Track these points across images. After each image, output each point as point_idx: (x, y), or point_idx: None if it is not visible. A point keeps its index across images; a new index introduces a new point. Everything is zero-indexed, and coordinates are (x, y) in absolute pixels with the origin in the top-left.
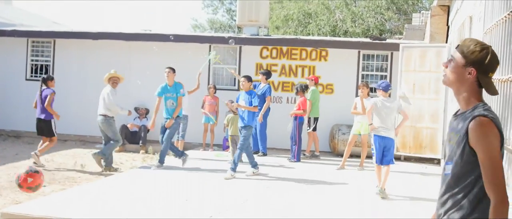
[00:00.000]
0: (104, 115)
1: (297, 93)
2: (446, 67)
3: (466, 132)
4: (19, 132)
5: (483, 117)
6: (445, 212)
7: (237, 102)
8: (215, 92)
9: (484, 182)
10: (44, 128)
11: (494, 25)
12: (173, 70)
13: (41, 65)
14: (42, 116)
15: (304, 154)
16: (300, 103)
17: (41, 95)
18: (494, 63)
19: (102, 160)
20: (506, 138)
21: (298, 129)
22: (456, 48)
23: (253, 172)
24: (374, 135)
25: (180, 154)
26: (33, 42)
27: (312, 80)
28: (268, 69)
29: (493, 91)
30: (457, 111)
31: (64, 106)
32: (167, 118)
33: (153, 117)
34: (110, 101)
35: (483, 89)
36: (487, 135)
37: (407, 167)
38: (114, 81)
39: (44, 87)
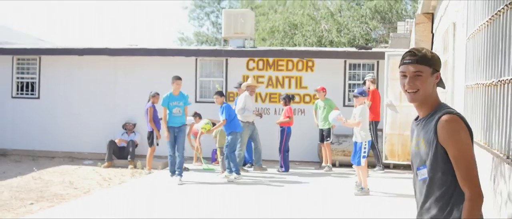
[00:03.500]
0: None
1: (285, 103)
2: (411, 84)
3: (435, 132)
4: (6, 150)
5: (449, 114)
6: (433, 218)
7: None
8: (201, 119)
9: (458, 178)
10: (148, 138)
11: (476, 30)
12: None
13: (27, 83)
14: (147, 128)
15: (328, 166)
16: (286, 112)
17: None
18: (440, 60)
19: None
20: (492, 142)
21: (285, 138)
22: (410, 63)
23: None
24: (369, 140)
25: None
26: (19, 59)
27: (322, 91)
28: (256, 80)
29: (443, 85)
30: (417, 117)
31: (51, 122)
32: (172, 126)
33: (164, 127)
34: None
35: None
36: (457, 130)
37: (396, 175)
38: (251, 89)
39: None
